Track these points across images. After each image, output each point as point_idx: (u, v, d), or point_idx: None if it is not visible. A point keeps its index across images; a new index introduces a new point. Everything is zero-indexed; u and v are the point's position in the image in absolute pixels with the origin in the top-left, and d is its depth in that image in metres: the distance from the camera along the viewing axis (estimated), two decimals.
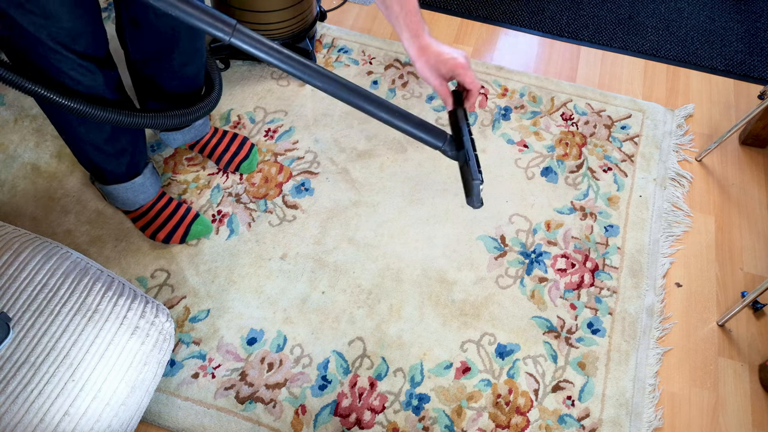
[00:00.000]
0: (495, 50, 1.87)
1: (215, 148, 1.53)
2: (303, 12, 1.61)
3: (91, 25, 1.03)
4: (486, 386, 1.29)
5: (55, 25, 0.96)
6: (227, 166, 1.54)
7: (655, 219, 1.54)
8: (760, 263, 1.49)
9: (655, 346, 1.36)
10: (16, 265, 0.97)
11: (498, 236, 1.48)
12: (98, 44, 1.07)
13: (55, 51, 0.99)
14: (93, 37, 1.05)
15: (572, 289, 1.42)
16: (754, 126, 1.63)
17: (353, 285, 1.40)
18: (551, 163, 1.61)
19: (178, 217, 1.42)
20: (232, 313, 1.35)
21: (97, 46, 1.07)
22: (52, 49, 0.99)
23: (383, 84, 1.74)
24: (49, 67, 1.02)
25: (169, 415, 1.23)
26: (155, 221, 1.41)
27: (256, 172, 1.56)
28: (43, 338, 0.92)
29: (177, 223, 1.42)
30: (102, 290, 1.01)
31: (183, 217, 1.42)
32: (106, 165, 1.30)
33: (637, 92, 1.80)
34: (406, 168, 1.59)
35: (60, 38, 0.98)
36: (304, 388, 1.27)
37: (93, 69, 1.07)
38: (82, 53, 1.03)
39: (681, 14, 2.01)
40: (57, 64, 1.02)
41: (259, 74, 1.75)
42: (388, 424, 1.24)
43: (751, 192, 1.61)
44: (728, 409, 1.30)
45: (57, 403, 0.90)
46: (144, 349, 1.02)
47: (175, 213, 1.42)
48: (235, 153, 1.53)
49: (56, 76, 1.03)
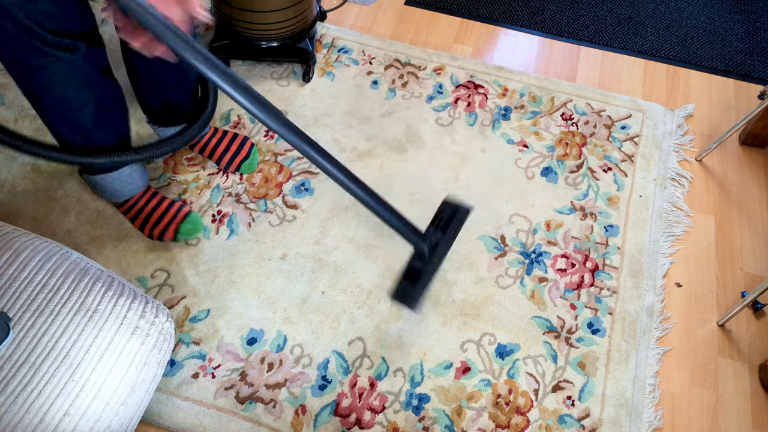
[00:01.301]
0: (495, 50, 1.87)
1: (215, 149, 1.53)
2: (303, 12, 1.61)
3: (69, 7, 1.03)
4: (486, 386, 1.29)
5: (32, 5, 0.97)
6: (228, 167, 1.54)
7: (655, 219, 1.54)
8: (760, 263, 1.49)
9: (655, 346, 1.36)
10: (16, 265, 0.97)
11: (498, 236, 1.48)
12: (77, 22, 1.08)
13: (29, 29, 0.99)
14: (71, 16, 1.05)
15: (572, 289, 1.42)
16: (754, 126, 1.63)
17: (353, 285, 1.40)
18: (551, 163, 1.61)
19: (170, 215, 1.42)
20: (232, 313, 1.35)
21: (76, 23, 1.07)
22: (26, 27, 0.99)
23: (383, 84, 1.74)
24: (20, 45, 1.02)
25: (169, 415, 1.23)
26: (145, 214, 1.41)
27: (256, 172, 1.56)
28: (43, 338, 0.92)
29: (170, 220, 1.41)
30: (102, 290, 1.01)
31: (175, 214, 1.42)
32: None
33: (637, 92, 1.80)
34: (406, 168, 1.59)
35: (36, 17, 0.99)
36: (304, 388, 1.27)
37: (71, 45, 1.07)
38: (57, 31, 1.03)
39: (681, 14, 2.01)
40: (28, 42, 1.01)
41: (259, 74, 1.75)
42: (388, 424, 1.24)
43: (751, 192, 1.61)
44: (728, 409, 1.30)
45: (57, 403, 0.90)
46: (144, 349, 1.02)
47: (168, 210, 1.42)
48: (235, 153, 1.53)
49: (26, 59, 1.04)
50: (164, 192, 1.51)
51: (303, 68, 1.74)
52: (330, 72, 1.76)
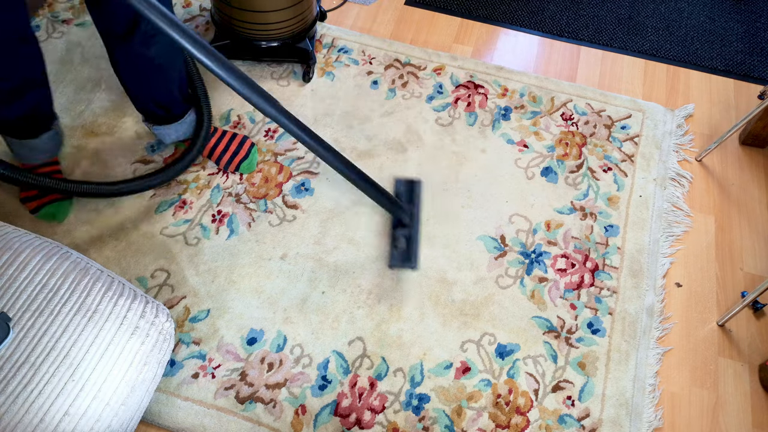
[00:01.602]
0: (495, 50, 1.87)
1: (214, 148, 1.53)
2: (303, 12, 1.61)
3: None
4: (486, 386, 1.29)
5: None
6: (227, 166, 1.54)
7: (655, 219, 1.54)
8: (760, 263, 1.49)
9: (655, 346, 1.36)
10: (16, 265, 0.97)
11: (498, 236, 1.48)
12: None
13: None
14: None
15: (572, 289, 1.42)
16: (754, 126, 1.63)
17: (353, 285, 1.40)
18: (551, 163, 1.61)
19: (49, 198, 1.44)
20: (232, 313, 1.35)
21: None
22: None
23: (383, 84, 1.74)
24: None
25: (169, 415, 1.23)
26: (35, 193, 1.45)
27: (256, 172, 1.56)
28: (43, 338, 0.92)
29: (47, 200, 1.44)
30: (102, 290, 1.01)
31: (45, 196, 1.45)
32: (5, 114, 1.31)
33: (637, 92, 1.80)
34: (406, 168, 1.59)
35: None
36: (304, 388, 1.27)
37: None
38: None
39: (681, 14, 2.01)
40: None
41: (260, 74, 1.75)
42: (388, 424, 1.24)
43: (751, 192, 1.61)
44: (728, 409, 1.30)
45: (57, 403, 0.90)
46: (144, 349, 1.02)
47: (47, 194, 1.44)
48: (234, 153, 1.53)
49: None
50: (164, 192, 1.51)
51: (303, 68, 1.74)
52: (330, 72, 1.76)
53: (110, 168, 1.55)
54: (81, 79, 1.70)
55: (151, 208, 1.49)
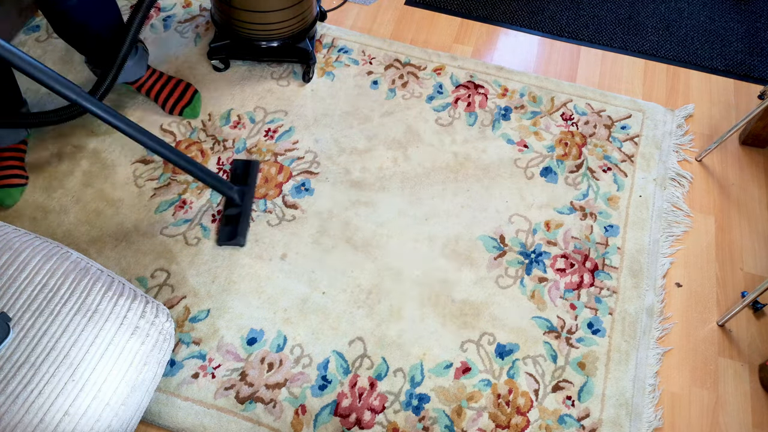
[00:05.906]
0: (495, 50, 1.87)
1: (160, 91, 1.61)
2: (303, 12, 1.61)
3: None
4: (486, 386, 1.29)
5: None
6: (172, 110, 1.62)
7: (655, 219, 1.54)
8: (760, 263, 1.49)
9: (655, 346, 1.36)
10: (16, 265, 0.97)
11: (498, 236, 1.48)
12: None
13: None
14: None
15: (572, 289, 1.42)
16: (754, 126, 1.63)
17: (353, 285, 1.40)
18: (551, 163, 1.61)
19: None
20: (232, 313, 1.35)
21: None
22: None
23: (383, 84, 1.74)
24: None
25: (169, 415, 1.23)
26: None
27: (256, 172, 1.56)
28: (43, 338, 0.92)
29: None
30: (102, 290, 1.01)
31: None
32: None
33: (637, 92, 1.80)
34: (406, 168, 1.59)
35: None
36: (304, 388, 1.27)
37: None
38: None
39: (681, 14, 2.01)
40: None
41: (260, 74, 1.75)
42: (388, 424, 1.24)
43: (751, 192, 1.61)
44: (728, 409, 1.30)
45: (57, 403, 0.90)
46: (144, 349, 1.02)
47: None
48: (178, 98, 1.62)
49: None
50: (164, 192, 1.51)
51: (303, 68, 1.74)
52: (330, 72, 1.76)
53: (110, 168, 1.55)
54: (81, 79, 1.70)
55: (151, 208, 1.49)
